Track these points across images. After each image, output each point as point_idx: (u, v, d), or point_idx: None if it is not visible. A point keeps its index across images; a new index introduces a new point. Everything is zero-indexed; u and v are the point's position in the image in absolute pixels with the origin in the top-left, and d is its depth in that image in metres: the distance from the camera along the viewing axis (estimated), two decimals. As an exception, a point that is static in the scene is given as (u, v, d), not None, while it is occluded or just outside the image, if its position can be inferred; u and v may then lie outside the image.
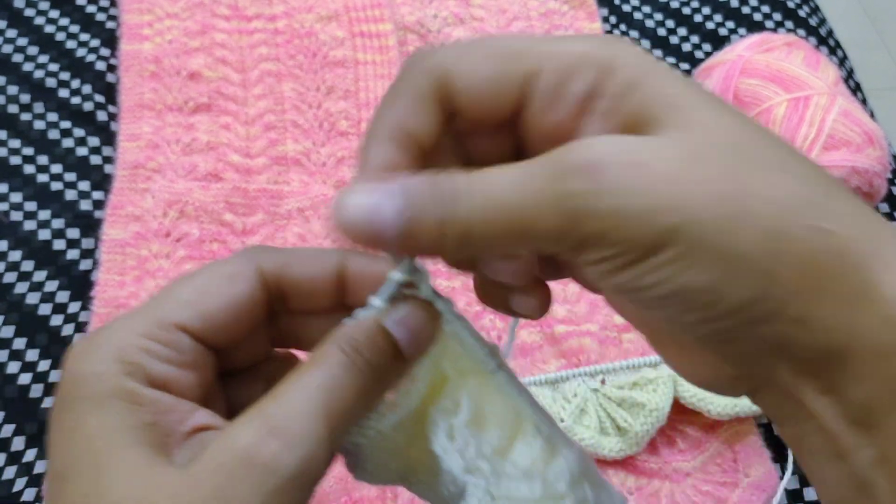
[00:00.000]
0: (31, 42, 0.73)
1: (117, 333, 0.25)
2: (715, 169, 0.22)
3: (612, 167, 0.22)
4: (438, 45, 0.26)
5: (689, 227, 0.21)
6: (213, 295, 0.26)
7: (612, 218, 0.22)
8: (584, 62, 0.24)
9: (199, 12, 0.75)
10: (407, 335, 0.26)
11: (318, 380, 0.25)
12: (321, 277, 0.28)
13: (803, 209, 0.22)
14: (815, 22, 0.83)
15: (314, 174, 0.67)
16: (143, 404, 0.24)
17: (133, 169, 0.65)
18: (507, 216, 0.23)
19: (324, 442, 0.24)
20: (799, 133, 0.62)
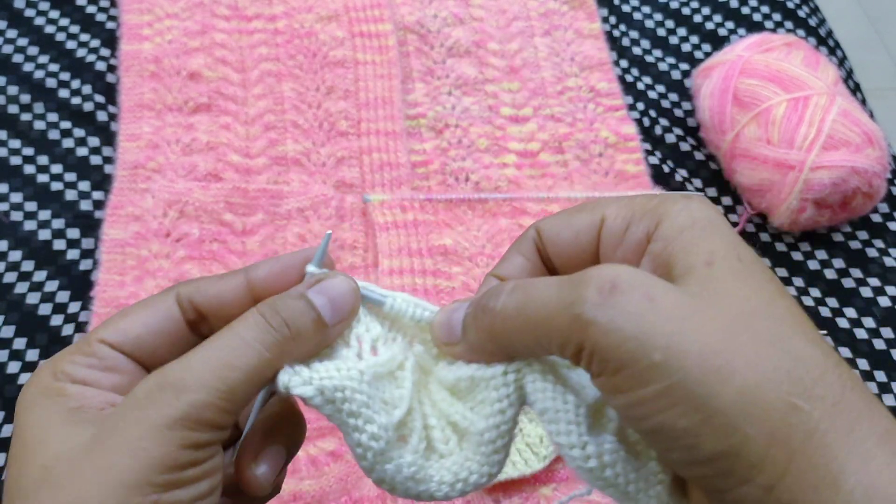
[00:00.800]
0: (32, 42, 0.73)
1: (56, 357, 0.31)
2: (713, 326, 0.24)
3: (623, 291, 0.25)
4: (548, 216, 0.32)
5: (673, 370, 0.24)
6: (134, 316, 0.31)
7: (611, 334, 0.24)
8: (645, 210, 0.28)
9: (199, 12, 0.75)
10: (325, 302, 0.30)
11: (224, 340, 0.29)
12: (229, 290, 0.32)
13: (782, 383, 0.24)
14: (815, 22, 0.83)
15: (314, 174, 0.67)
16: (64, 395, 0.29)
17: (133, 169, 0.65)
18: (531, 314, 0.27)
19: (216, 391, 0.27)
20: (798, 133, 0.62)
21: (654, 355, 0.24)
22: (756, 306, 0.25)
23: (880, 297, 0.65)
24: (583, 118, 0.72)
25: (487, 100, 0.73)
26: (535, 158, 0.70)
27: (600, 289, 0.25)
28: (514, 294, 0.27)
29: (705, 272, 0.26)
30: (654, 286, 0.25)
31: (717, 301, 0.25)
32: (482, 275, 0.62)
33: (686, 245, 0.26)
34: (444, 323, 0.30)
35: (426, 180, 0.68)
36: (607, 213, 0.29)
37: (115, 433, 0.27)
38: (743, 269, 0.26)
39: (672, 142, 0.72)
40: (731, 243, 0.27)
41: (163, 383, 0.28)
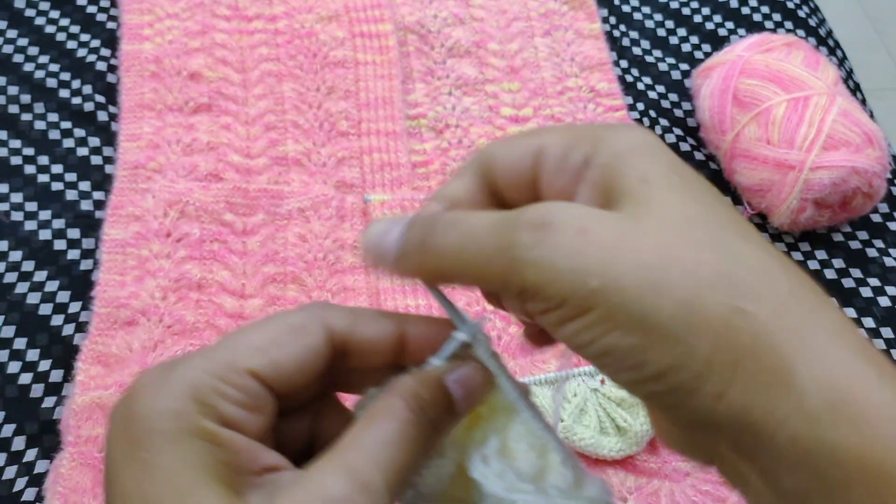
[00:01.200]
0: (32, 42, 0.73)
1: (191, 372, 0.26)
2: (649, 241, 0.24)
3: (556, 228, 0.24)
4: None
5: (611, 291, 0.23)
6: (283, 344, 0.27)
7: (547, 272, 0.24)
8: (583, 137, 0.27)
9: (200, 12, 0.75)
10: (463, 394, 0.28)
11: (389, 433, 0.26)
12: (384, 339, 0.29)
13: (723, 287, 0.23)
14: (815, 22, 0.83)
15: (314, 174, 0.67)
16: (220, 444, 0.25)
17: (133, 169, 0.65)
18: (470, 254, 0.26)
19: (391, 491, 0.25)
20: (798, 133, 0.62)
21: (590, 282, 0.23)
22: (694, 214, 0.25)
23: (880, 297, 0.65)
24: (583, 118, 0.72)
25: (488, 100, 0.73)
26: (535, 158, 0.70)
27: (532, 229, 0.24)
28: (452, 232, 0.26)
29: (641, 190, 0.25)
30: (585, 217, 0.25)
31: (653, 216, 0.24)
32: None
33: (622, 168, 0.26)
34: (374, 244, 0.28)
35: (426, 180, 0.68)
36: (547, 140, 0.28)
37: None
38: (681, 183, 0.25)
39: (672, 142, 0.72)
40: (669, 162, 0.26)
41: (360, 485, 0.24)
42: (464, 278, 0.27)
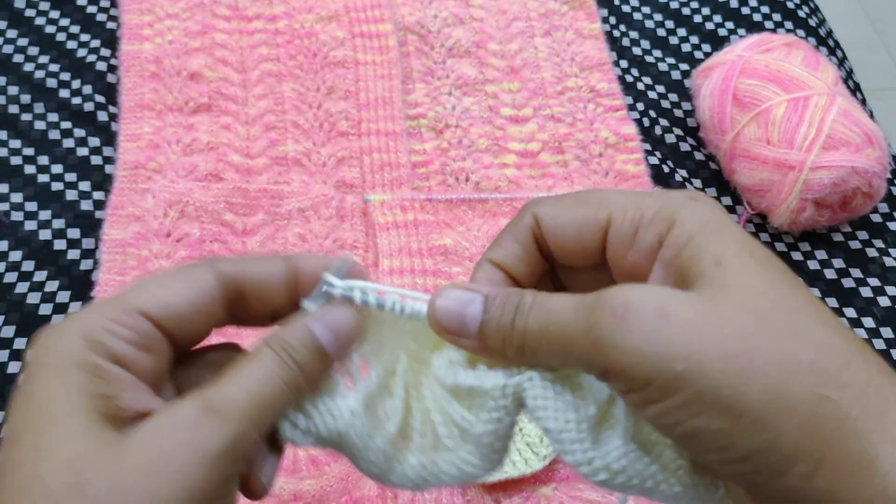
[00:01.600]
0: (32, 42, 0.73)
1: (85, 315, 0.28)
2: (731, 327, 0.25)
3: (637, 311, 0.25)
4: (544, 197, 0.31)
5: (697, 376, 0.24)
6: (173, 287, 0.30)
7: (631, 355, 0.25)
8: (654, 215, 0.28)
9: (200, 13, 0.75)
10: (329, 335, 0.30)
11: (252, 371, 0.28)
12: (274, 277, 0.31)
13: (807, 374, 0.24)
14: (815, 22, 0.83)
15: (314, 174, 0.67)
16: (105, 378, 0.27)
17: (133, 169, 0.65)
18: (554, 336, 0.27)
19: (251, 422, 0.27)
20: (798, 133, 0.62)
21: (675, 366, 0.24)
22: (772, 300, 0.25)
23: (880, 297, 0.65)
24: (583, 118, 0.72)
25: (487, 100, 0.73)
26: (535, 158, 0.70)
27: (614, 313, 0.25)
28: (538, 314, 0.28)
29: (717, 274, 0.26)
30: (665, 300, 0.25)
31: (732, 301, 0.25)
32: (482, 275, 0.62)
33: (696, 250, 0.26)
34: (454, 314, 0.29)
35: (426, 180, 0.68)
36: (614, 214, 0.29)
37: (162, 457, 0.25)
38: (755, 265, 0.26)
39: (672, 142, 0.72)
40: (740, 241, 0.27)
41: (209, 409, 0.27)
42: (549, 359, 0.28)
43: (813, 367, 0.24)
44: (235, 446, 0.27)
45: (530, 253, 0.31)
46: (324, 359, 0.30)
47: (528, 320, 0.28)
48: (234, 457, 0.27)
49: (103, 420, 0.26)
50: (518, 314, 0.28)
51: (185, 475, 0.25)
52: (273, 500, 0.51)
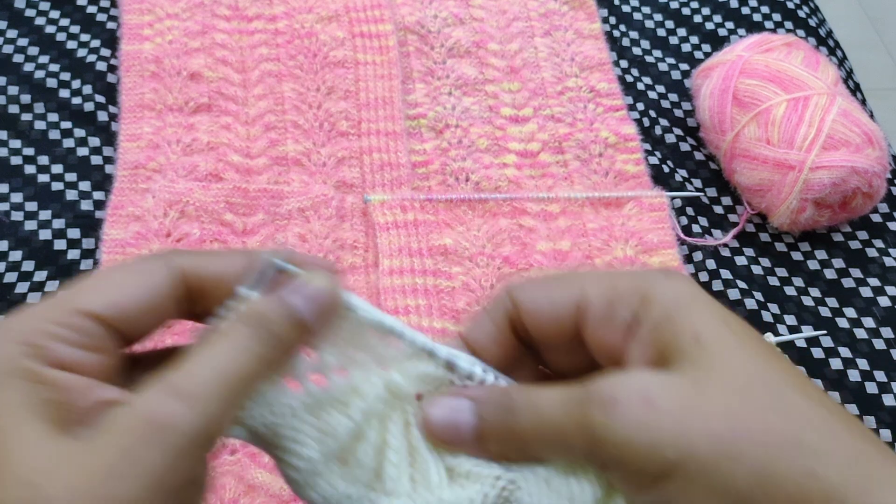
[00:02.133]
0: (32, 42, 0.73)
1: (24, 319, 0.27)
2: (716, 408, 0.25)
3: (624, 402, 0.25)
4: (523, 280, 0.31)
5: (688, 463, 0.24)
6: (124, 285, 0.28)
7: (624, 447, 0.25)
8: (627, 292, 0.28)
9: (200, 13, 0.75)
10: (310, 306, 0.28)
11: (222, 348, 0.27)
12: (232, 272, 0.29)
13: (793, 452, 0.24)
14: (815, 22, 0.83)
15: (314, 174, 0.67)
16: (46, 383, 0.25)
17: (134, 169, 0.65)
18: (549, 434, 0.27)
19: (223, 402, 0.25)
20: (798, 133, 0.62)
21: (666, 454, 0.25)
22: (754, 375, 0.26)
23: (880, 297, 0.65)
24: (583, 118, 0.72)
25: (487, 100, 0.73)
26: (535, 158, 0.70)
27: (602, 407, 0.26)
28: (525, 415, 0.28)
29: (696, 352, 0.26)
30: (649, 387, 0.26)
31: (714, 380, 0.25)
32: (482, 275, 0.62)
33: (673, 327, 0.27)
34: (448, 425, 0.29)
35: (426, 180, 0.68)
36: (589, 292, 0.29)
37: (124, 457, 0.24)
38: (733, 339, 0.26)
39: (672, 142, 0.72)
40: (716, 315, 0.27)
41: (173, 393, 0.25)
42: (551, 455, 0.28)
43: (798, 443, 0.24)
44: (206, 431, 0.25)
45: (504, 334, 0.31)
46: (304, 332, 0.28)
47: (520, 421, 0.28)
48: (206, 442, 0.25)
49: (56, 427, 0.25)
50: (509, 416, 0.28)
51: (150, 473, 0.24)
52: (273, 499, 0.51)
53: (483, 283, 0.62)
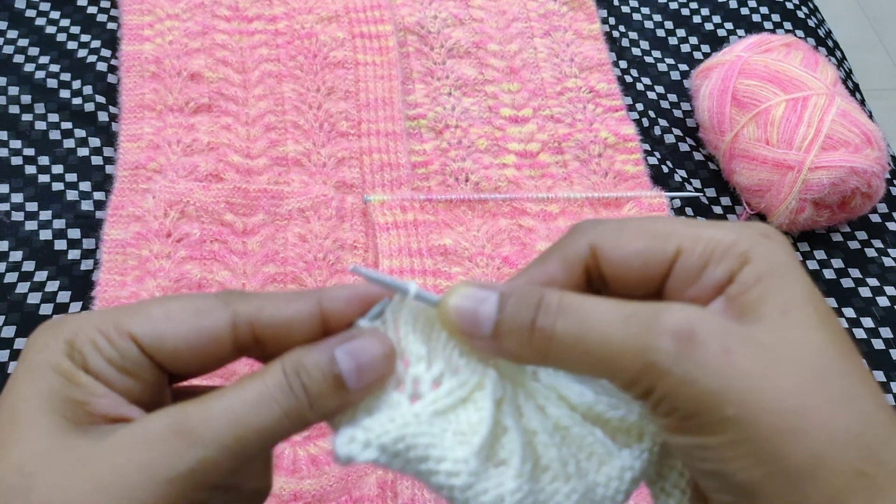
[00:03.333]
0: (32, 43, 0.73)
1: (75, 321, 0.28)
2: (790, 383, 0.24)
3: (701, 343, 0.24)
4: (599, 220, 0.29)
5: (746, 424, 0.24)
6: (177, 321, 0.28)
7: (685, 386, 0.24)
8: (729, 250, 0.27)
9: (200, 13, 0.75)
10: (352, 366, 0.27)
11: (247, 393, 0.26)
12: (297, 319, 0.29)
13: (852, 447, 0.24)
14: (814, 23, 0.83)
15: (314, 175, 0.67)
16: (74, 382, 0.26)
17: (134, 169, 0.65)
18: (593, 347, 0.26)
19: (228, 451, 0.25)
20: (797, 133, 0.62)
21: (727, 409, 0.24)
22: (830, 362, 0.25)
23: (879, 297, 0.65)
24: (582, 119, 0.72)
25: (487, 100, 0.73)
26: (534, 159, 0.70)
27: (677, 338, 0.25)
28: (569, 318, 0.26)
29: (781, 321, 0.25)
30: (730, 336, 0.25)
31: (794, 355, 0.25)
32: (482, 275, 0.62)
33: (763, 292, 0.26)
34: (467, 313, 0.27)
35: (426, 181, 0.68)
36: (684, 246, 0.27)
37: (114, 475, 0.24)
38: (818, 321, 0.26)
39: (671, 142, 0.73)
40: (807, 292, 0.26)
41: (178, 429, 0.25)
42: (576, 367, 0.27)
43: (858, 441, 0.24)
44: (197, 474, 0.25)
45: (576, 281, 0.29)
46: (341, 393, 0.27)
47: (555, 324, 0.26)
48: (196, 484, 0.25)
49: (69, 424, 0.25)
50: (541, 315, 0.26)
51: (133, 497, 0.24)
52: (273, 500, 0.51)
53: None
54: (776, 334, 0.25)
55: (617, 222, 0.29)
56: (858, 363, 0.26)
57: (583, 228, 0.29)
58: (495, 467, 0.28)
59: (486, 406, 0.28)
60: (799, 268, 0.27)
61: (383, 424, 0.27)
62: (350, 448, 0.27)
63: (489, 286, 0.28)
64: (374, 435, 0.27)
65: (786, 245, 0.28)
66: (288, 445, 0.53)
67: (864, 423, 0.24)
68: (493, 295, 0.27)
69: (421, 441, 0.27)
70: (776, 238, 0.28)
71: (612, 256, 0.28)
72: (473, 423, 0.28)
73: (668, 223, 0.28)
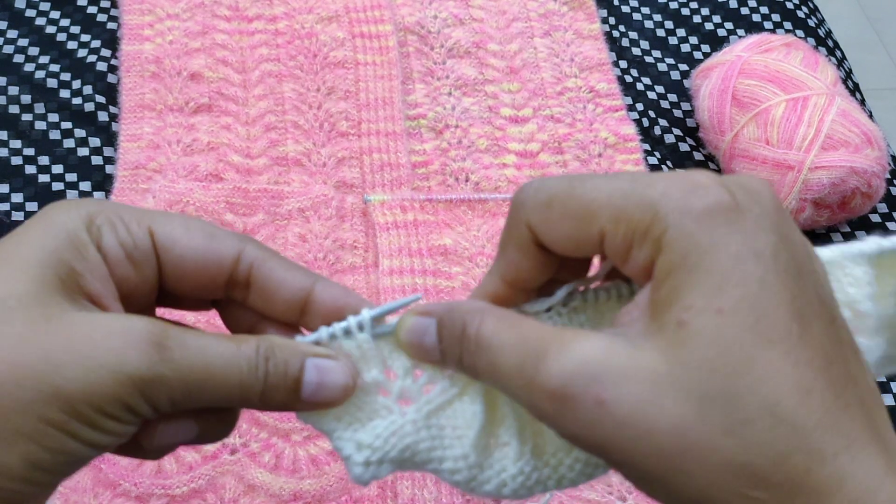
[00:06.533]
0: (32, 43, 0.73)
1: (106, 203, 0.29)
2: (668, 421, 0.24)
3: (575, 399, 0.24)
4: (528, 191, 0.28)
5: (633, 467, 0.25)
6: (192, 233, 0.29)
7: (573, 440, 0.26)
8: (646, 234, 0.25)
9: (200, 13, 0.75)
10: (314, 380, 0.28)
11: (221, 347, 0.27)
12: (293, 290, 0.30)
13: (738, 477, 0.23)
14: (814, 22, 0.83)
15: (314, 174, 0.67)
16: (84, 257, 0.27)
17: (134, 169, 0.65)
18: (508, 384, 0.26)
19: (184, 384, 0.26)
20: (797, 133, 0.62)
21: (613, 456, 0.25)
22: (717, 386, 0.23)
23: (879, 297, 0.65)
24: (582, 119, 0.72)
25: (487, 100, 0.73)
26: (534, 159, 0.70)
27: (551, 399, 0.25)
28: (482, 357, 0.27)
29: (674, 336, 0.24)
30: (606, 385, 0.24)
31: (677, 384, 0.24)
32: (482, 274, 0.62)
33: (671, 292, 0.24)
34: (416, 345, 0.29)
35: (426, 181, 0.68)
36: (606, 229, 0.26)
37: (86, 341, 0.25)
38: (714, 330, 0.24)
39: (671, 142, 0.73)
40: (718, 286, 0.24)
41: (156, 340, 0.26)
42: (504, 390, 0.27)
43: (744, 470, 0.23)
44: (152, 387, 0.26)
45: (539, 260, 0.29)
46: (291, 396, 0.28)
47: (474, 361, 0.27)
48: (145, 396, 0.26)
49: (60, 286, 0.26)
50: (464, 351, 0.27)
51: (94, 372, 0.25)
52: (273, 499, 0.51)
53: (483, 283, 0.62)
54: (665, 356, 0.24)
55: (546, 193, 0.28)
56: (760, 371, 0.23)
57: (517, 204, 0.29)
58: (499, 450, 0.29)
59: (478, 399, 0.29)
60: (722, 243, 0.24)
61: (387, 440, 0.28)
62: (367, 473, 0.28)
63: (429, 312, 0.29)
64: (382, 454, 0.28)
65: (708, 212, 0.24)
66: (288, 445, 0.53)
67: (750, 449, 0.23)
68: (432, 324, 0.28)
69: (422, 447, 0.29)
70: (695, 207, 0.24)
71: (545, 239, 0.28)
72: (468, 417, 0.29)
73: (594, 197, 0.26)
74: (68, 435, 0.25)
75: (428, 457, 0.29)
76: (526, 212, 0.28)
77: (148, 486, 0.50)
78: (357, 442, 0.29)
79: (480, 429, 0.29)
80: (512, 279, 0.30)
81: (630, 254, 0.26)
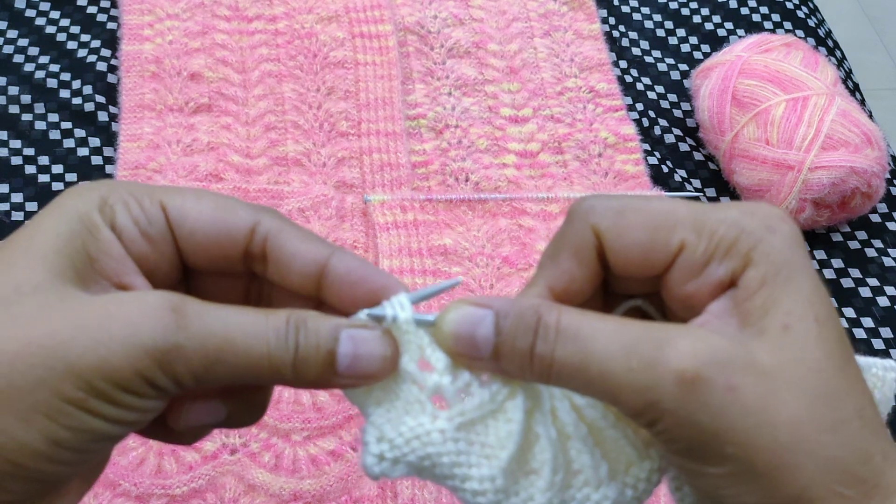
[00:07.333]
0: (32, 43, 0.73)
1: (117, 184, 0.29)
2: (786, 414, 0.25)
3: (707, 384, 0.24)
4: (596, 200, 0.28)
5: (744, 461, 0.24)
6: (204, 206, 0.29)
7: (688, 426, 0.25)
8: (732, 248, 0.26)
9: (200, 13, 0.75)
10: (349, 351, 0.27)
11: (245, 318, 0.26)
12: (305, 257, 0.29)
13: (835, 473, 0.24)
14: (814, 22, 0.83)
15: (314, 174, 0.67)
16: (97, 238, 0.27)
17: (134, 169, 0.65)
18: (595, 377, 0.25)
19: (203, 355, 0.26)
20: (797, 133, 0.62)
21: (727, 448, 0.25)
22: (823, 383, 0.25)
23: (879, 297, 0.65)
24: (582, 119, 0.72)
25: (487, 100, 0.73)
26: (534, 159, 0.70)
27: (681, 380, 0.24)
28: (567, 346, 0.25)
29: (782, 339, 0.25)
30: (735, 370, 0.25)
31: (790, 380, 0.25)
32: (482, 275, 0.62)
33: (766, 301, 0.26)
34: (465, 337, 0.27)
35: (426, 180, 0.68)
36: (687, 241, 0.27)
37: (98, 319, 0.25)
38: (816, 335, 0.26)
39: (671, 142, 0.73)
40: (810, 298, 0.26)
41: (175, 308, 0.25)
42: (582, 393, 0.27)
43: (838, 465, 0.25)
44: (170, 356, 0.25)
45: (593, 272, 0.28)
46: (326, 370, 0.27)
47: (554, 352, 0.25)
48: (163, 366, 0.25)
49: (74, 273, 0.26)
50: (539, 341, 0.26)
51: (107, 346, 0.24)
52: (273, 499, 0.51)
53: (483, 283, 0.62)
54: (776, 356, 0.25)
55: (617, 203, 0.28)
56: (850, 377, 0.26)
57: (583, 212, 0.28)
58: (525, 477, 0.27)
59: (516, 418, 0.27)
60: (804, 264, 0.27)
61: (410, 442, 0.27)
62: (382, 468, 0.27)
63: (485, 303, 0.27)
64: (400, 453, 0.27)
65: (792, 235, 0.27)
66: (288, 445, 0.53)
67: (846, 447, 0.25)
68: (489, 315, 0.26)
69: (445, 460, 0.27)
70: (781, 229, 0.27)
71: (613, 246, 0.28)
72: (502, 436, 0.27)
73: (672, 210, 0.27)
74: (87, 412, 0.25)
75: (450, 472, 0.27)
76: (595, 217, 0.28)
77: (148, 486, 0.50)
78: (380, 432, 0.27)
79: (515, 451, 0.27)
80: (562, 289, 0.28)
81: (707, 267, 0.27)
